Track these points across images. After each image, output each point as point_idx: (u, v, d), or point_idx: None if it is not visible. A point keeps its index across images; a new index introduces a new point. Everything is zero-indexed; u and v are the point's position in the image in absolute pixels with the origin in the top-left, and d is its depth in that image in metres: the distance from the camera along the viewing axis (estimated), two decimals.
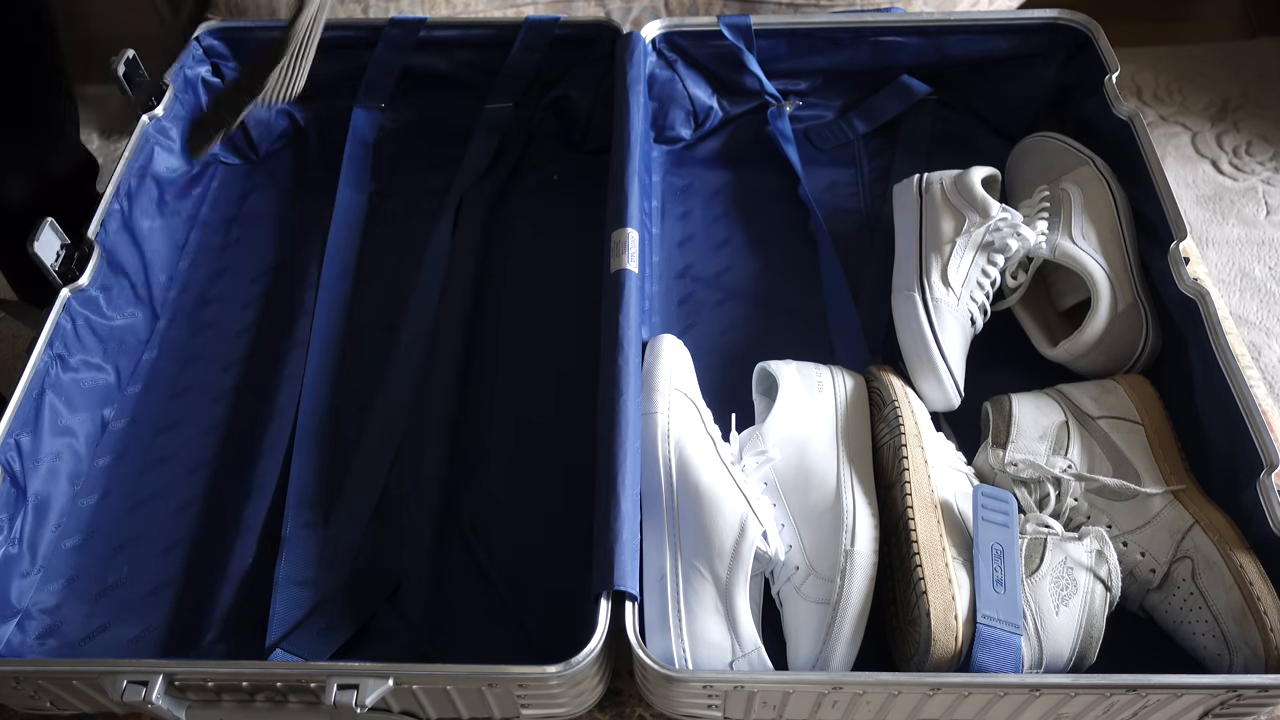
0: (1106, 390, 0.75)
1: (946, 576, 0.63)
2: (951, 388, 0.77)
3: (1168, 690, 0.59)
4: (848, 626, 0.63)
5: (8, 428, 0.70)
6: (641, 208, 0.83)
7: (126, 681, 0.59)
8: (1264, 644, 0.62)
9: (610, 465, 0.66)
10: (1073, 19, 0.93)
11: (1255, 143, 1.14)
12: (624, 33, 0.93)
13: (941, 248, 0.81)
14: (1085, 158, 0.86)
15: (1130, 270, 0.80)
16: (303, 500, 0.77)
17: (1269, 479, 0.66)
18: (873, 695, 0.60)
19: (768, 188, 0.97)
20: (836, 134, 1.00)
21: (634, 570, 0.63)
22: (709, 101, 0.99)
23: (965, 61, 0.97)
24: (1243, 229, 1.07)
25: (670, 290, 0.90)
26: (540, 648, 0.70)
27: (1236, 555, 0.64)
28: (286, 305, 0.90)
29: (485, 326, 0.88)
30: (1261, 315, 1.00)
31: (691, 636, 0.63)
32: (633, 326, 0.74)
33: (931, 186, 0.85)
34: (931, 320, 0.78)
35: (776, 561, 0.67)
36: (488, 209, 0.95)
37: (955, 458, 0.72)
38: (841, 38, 0.95)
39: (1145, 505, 0.68)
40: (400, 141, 1.01)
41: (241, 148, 1.00)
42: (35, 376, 0.73)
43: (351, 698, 0.58)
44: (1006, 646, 0.61)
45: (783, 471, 0.70)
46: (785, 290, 0.90)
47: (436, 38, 0.96)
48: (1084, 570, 0.65)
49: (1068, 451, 0.72)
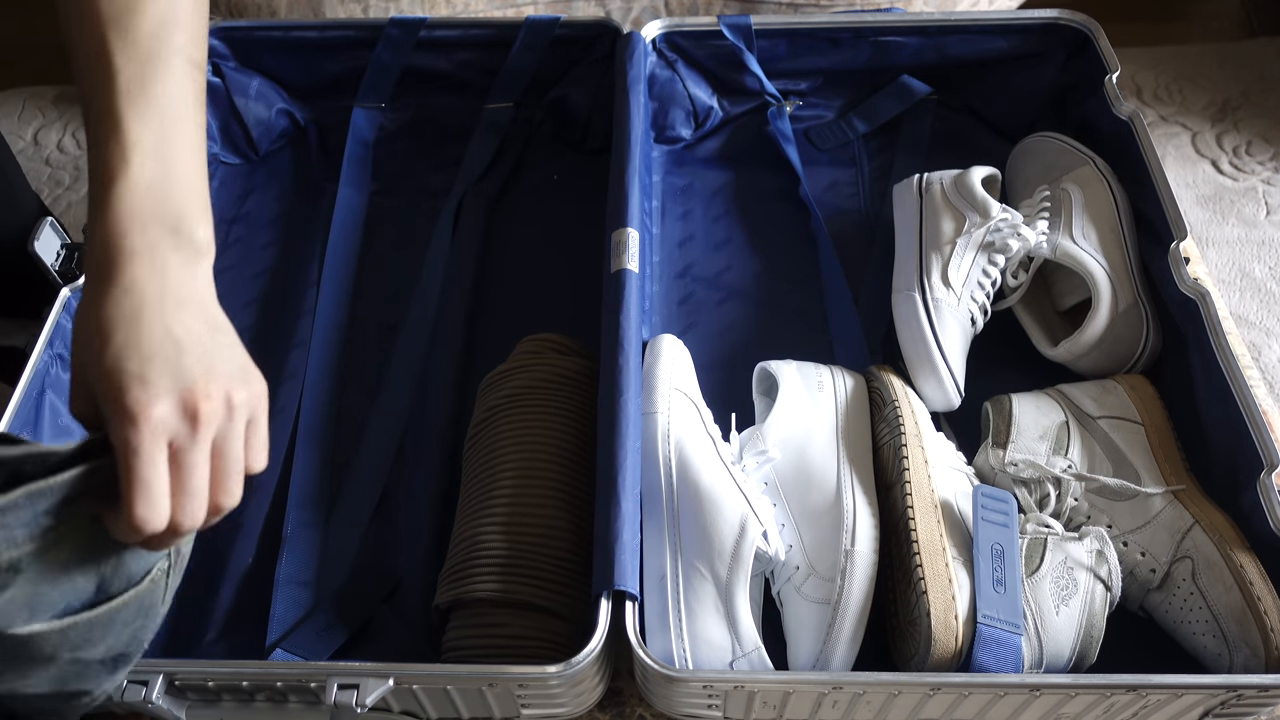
0: (1107, 390, 0.75)
1: (947, 576, 0.63)
2: (951, 388, 0.77)
3: (1168, 690, 0.59)
4: (848, 626, 0.63)
5: (8, 427, 0.70)
6: (642, 207, 0.83)
7: (126, 681, 0.59)
8: (1264, 644, 0.62)
9: (610, 465, 0.66)
10: (1073, 19, 0.93)
11: (1255, 143, 1.14)
12: (624, 33, 0.93)
13: (942, 248, 0.81)
14: (1085, 158, 0.86)
15: (1131, 270, 0.80)
16: (303, 500, 0.77)
17: (1269, 479, 0.66)
18: (873, 695, 0.60)
19: (768, 188, 0.97)
20: (836, 134, 1.00)
21: (634, 570, 0.63)
22: (709, 101, 0.99)
23: (965, 61, 0.97)
24: (1243, 229, 1.07)
25: (670, 290, 0.90)
26: None
27: (1236, 555, 0.64)
28: (286, 305, 0.90)
29: (485, 326, 0.88)
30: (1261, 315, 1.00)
31: (692, 636, 0.63)
32: (633, 326, 0.74)
33: (931, 186, 0.85)
34: (932, 320, 0.78)
35: (776, 561, 0.67)
36: (488, 209, 0.95)
37: (955, 458, 0.72)
38: (841, 38, 0.95)
39: (1145, 505, 0.68)
40: (400, 141, 1.01)
41: (241, 148, 1.00)
42: (35, 376, 0.73)
43: (352, 697, 0.58)
44: (1007, 646, 0.61)
45: (783, 471, 0.70)
46: (785, 290, 0.90)
47: (436, 38, 0.96)
48: (1084, 570, 0.65)
49: (1068, 451, 0.72)
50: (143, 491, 0.45)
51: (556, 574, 0.67)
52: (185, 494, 0.46)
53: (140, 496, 0.45)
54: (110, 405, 0.45)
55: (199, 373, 0.47)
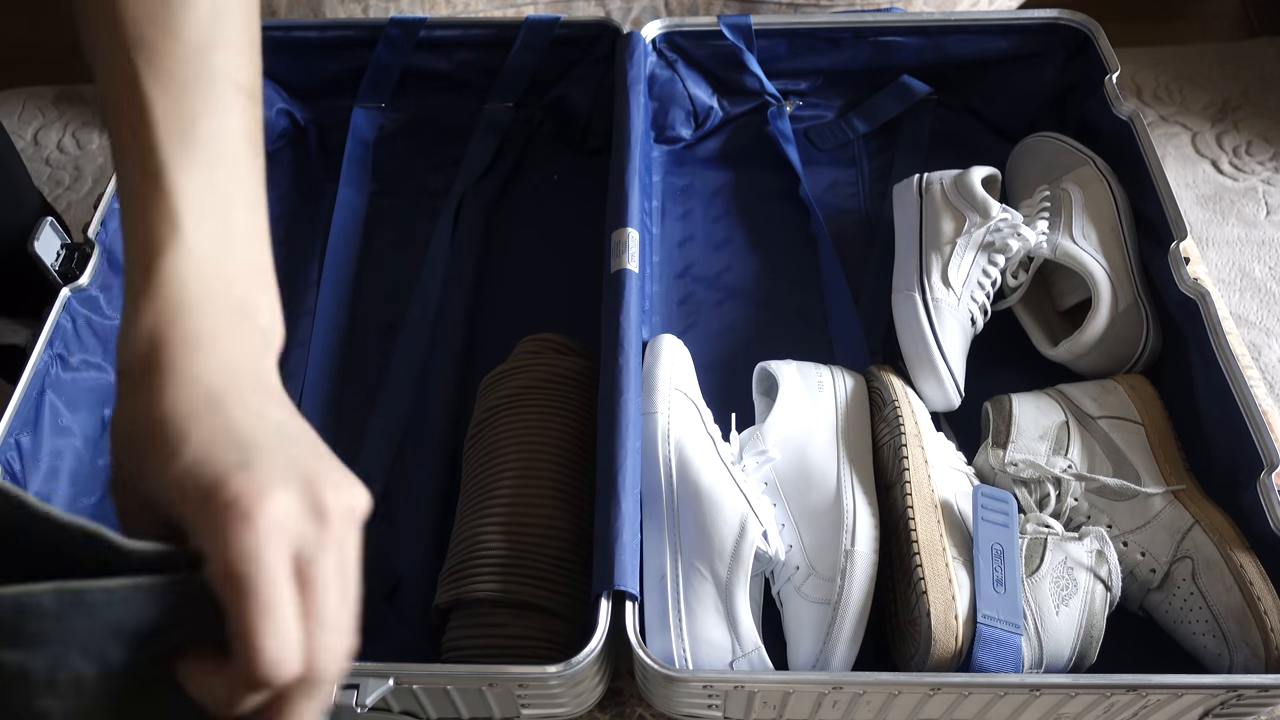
0: (1107, 390, 0.75)
1: (947, 576, 0.63)
2: (951, 388, 0.77)
3: (1168, 690, 0.59)
4: (848, 626, 0.63)
5: (8, 427, 0.70)
6: (642, 207, 0.83)
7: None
8: (1264, 644, 0.62)
9: (610, 465, 0.66)
10: (1073, 19, 0.93)
11: (1255, 143, 1.14)
12: (624, 33, 0.93)
13: (942, 248, 0.81)
14: (1086, 158, 0.86)
15: (1131, 270, 0.80)
16: None
17: (1269, 479, 0.66)
18: (873, 695, 0.60)
19: (768, 188, 0.97)
20: (836, 134, 1.00)
21: (634, 570, 0.63)
22: (709, 101, 0.99)
23: (965, 61, 0.97)
24: (1243, 229, 1.06)
25: (670, 290, 0.90)
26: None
27: (1236, 555, 0.64)
28: (286, 305, 0.88)
29: (485, 326, 0.88)
30: (1261, 315, 1.00)
31: (691, 636, 0.63)
32: (633, 326, 0.74)
33: (931, 186, 0.85)
34: (932, 320, 0.78)
35: (776, 561, 0.67)
36: (488, 209, 0.95)
37: (955, 458, 0.72)
38: (841, 38, 0.95)
39: (1145, 505, 0.68)
40: (400, 141, 1.01)
41: None
42: (35, 376, 0.73)
43: (351, 698, 0.58)
44: (1007, 646, 0.61)
45: (783, 471, 0.70)
46: (785, 290, 0.90)
47: (436, 38, 0.96)
48: (1084, 570, 0.65)
49: (1068, 451, 0.72)
50: (269, 616, 0.31)
51: (556, 574, 0.67)
52: (320, 624, 0.33)
53: (268, 623, 0.31)
54: (201, 508, 0.32)
55: (316, 463, 0.36)
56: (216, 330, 0.39)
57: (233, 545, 0.31)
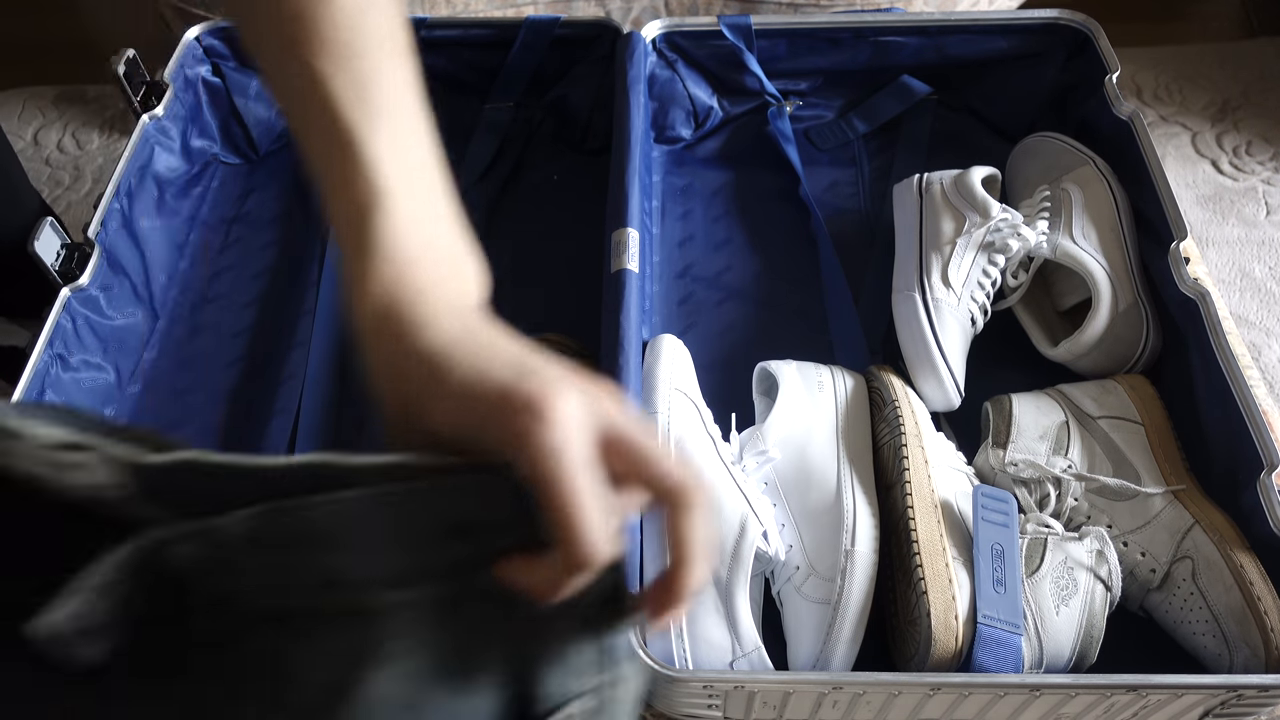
0: (1107, 390, 0.75)
1: (947, 576, 0.63)
2: (951, 388, 0.77)
3: (1168, 690, 0.59)
4: (848, 626, 0.63)
5: None
6: (642, 207, 0.83)
7: None
8: (1264, 644, 0.62)
9: None
10: (1073, 19, 0.93)
11: (1255, 143, 1.14)
12: (624, 33, 0.93)
13: (942, 248, 0.81)
14: (1086, 158, 0.86)
15: (1131, 270, 0.80)
16: None
17: (1269, 479, 0.66)
18: (873, 695, 0.60)
19: (768, 188, 0.97)
20: (836, 134, 1.00)
21: (634, 570, 0.63)
22: (709, 101, 0.99)
23: (965, 61, 0.97)
24: (1243, 229, 1.07)
25: (670, 290, 0.90)
26: None
27: (1236, 555, 0.64)
28: (287, 305, 0.90)
29: None
30: (1261, 315, 1.00)
31: (692, 636, 0.63)
32: (633, 326, 0.74)
33: (931, 186, 0.85)
34: (932, 320, 0.78)
35: (776, 561, 0.67)
36: (488, 209, 0.95)
37: (955, 458, 0.72)
38: (841, 38, 0.95)
39: (1145, 505, 0.68)
40: None
41: (241, 148, 1.00)
42: (35, 376, 0.73)
43: None
44: (1007, 646, 0.61)
45: (783, 471, 0.70)
46: (785, 290, 0.90)
47: (436, 38, 0.96)
48: (1084, 570, 0.65)
49: (1068, 451, 0.72)
50: (584, 507, 0.33)
51: None
52: (611, 513, 0.36)
53: (583, 514, 0.33)
54: (493, 418, 0.35)
55: (578, 379, 0.37)
56: (438, 280, 0.41)
57: (538, 444, 0.34)
